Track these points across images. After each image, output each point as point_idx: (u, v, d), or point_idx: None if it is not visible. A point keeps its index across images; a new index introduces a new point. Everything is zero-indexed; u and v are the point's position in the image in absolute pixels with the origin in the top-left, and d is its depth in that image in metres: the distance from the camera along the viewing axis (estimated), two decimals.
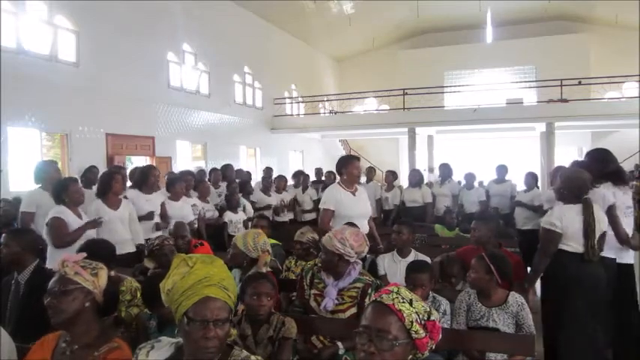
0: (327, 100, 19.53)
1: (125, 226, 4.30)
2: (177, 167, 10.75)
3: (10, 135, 7.89)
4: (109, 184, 4.28)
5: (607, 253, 3.28)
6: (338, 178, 4.19)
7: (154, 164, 10.74)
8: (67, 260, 1.81)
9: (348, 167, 4.02)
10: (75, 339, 1.74)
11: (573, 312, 3.09)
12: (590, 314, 3.08)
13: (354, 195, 3.99)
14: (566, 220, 3.16)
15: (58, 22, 8.92)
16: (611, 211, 3.31)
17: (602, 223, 3.15)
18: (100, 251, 2.77)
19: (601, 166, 3.46)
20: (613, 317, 3.33)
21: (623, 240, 3.36)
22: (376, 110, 19.73)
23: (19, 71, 7.91)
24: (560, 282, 3.17)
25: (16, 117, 7.90)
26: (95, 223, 3.91)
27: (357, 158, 4.23)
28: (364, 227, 3.88)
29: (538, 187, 6.57)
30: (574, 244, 3.14)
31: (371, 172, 8.17)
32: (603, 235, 3.17)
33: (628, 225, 3.45)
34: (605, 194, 3.35)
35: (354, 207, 3.94)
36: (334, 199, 3.90)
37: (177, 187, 5.19)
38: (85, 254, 1.93)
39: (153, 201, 4.83)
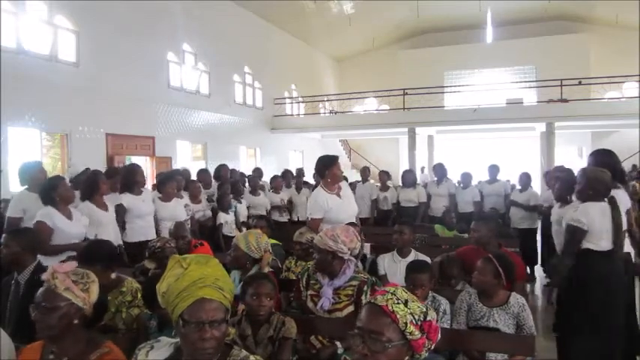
0: (327, 100, 19.54)
1: (114, 227, 4.22)
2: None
3: (10, 135, 7.89)
4: (96, 185, 4.14)
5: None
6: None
7: (154, 164, 10.83)
8: (56, 272, 1.69)
9: (331, 168, 3.79)
10: (62, 352, 1.68)
11: (597, 312, 3.06)
12: (613, 312, 3.07)
13: (340, 197, 3.84)
14: (589, 217, 3.13)
15: (58, 22, 8.93)
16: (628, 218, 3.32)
17: (623, 222, 3.16)
18: (101, 252, 2.78)
19: (612, 165, 3.45)
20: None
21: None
22: (376, 110, 19.73)
23: (19, 71, 7.91)
24: (585, 281, 3.11)
25: (16, 117, 7.91)
26: (78, 247, 3.53)
27: (338, 157, 3.99)
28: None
29: (532, 187, 6.68)
30: (599, 242, 3.11)
31: (365, 171, 8.04)
32: (624, 232, 3.18)
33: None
34: (620, 197, 3.32)
35: (343, 210, 3.79)
36: (322, 208, 3.73)
37: (167, 187, 4.99)
38: (76, 263, 1.82)
39: (147, 201, 4.71)
